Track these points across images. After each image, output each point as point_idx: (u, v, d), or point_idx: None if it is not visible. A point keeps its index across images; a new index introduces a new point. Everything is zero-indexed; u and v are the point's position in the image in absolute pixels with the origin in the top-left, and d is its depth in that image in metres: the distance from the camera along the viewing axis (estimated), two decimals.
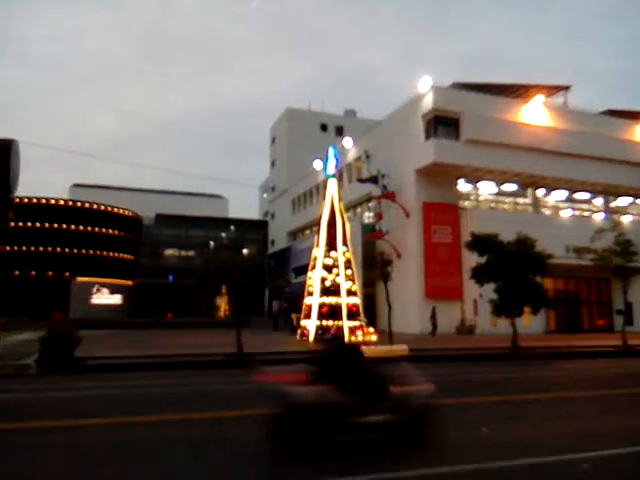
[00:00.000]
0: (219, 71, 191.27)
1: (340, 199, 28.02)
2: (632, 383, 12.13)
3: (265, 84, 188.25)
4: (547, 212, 35.56)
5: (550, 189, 35.29)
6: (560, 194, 35.79)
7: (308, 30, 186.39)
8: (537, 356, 18.66)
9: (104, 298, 50.21)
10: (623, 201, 37.70)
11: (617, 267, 21.94)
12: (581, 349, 20.42)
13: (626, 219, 33.97)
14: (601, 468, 5.36)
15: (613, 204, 37.29)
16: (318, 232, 27.56)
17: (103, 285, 50.13)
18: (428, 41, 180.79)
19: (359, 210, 40.10)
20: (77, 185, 76.31)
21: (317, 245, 27.17)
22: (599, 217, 35.50)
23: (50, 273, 47.10)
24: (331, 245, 26.49)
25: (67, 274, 47.48)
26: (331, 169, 28.26)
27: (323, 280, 26.00)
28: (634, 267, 21.93)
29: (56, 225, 47.82)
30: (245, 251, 58.44)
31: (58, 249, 47.63)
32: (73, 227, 48.58)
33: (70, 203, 50.93)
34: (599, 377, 13.74)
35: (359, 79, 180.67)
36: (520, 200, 35.03)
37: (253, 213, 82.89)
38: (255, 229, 71.33)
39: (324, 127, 59.38)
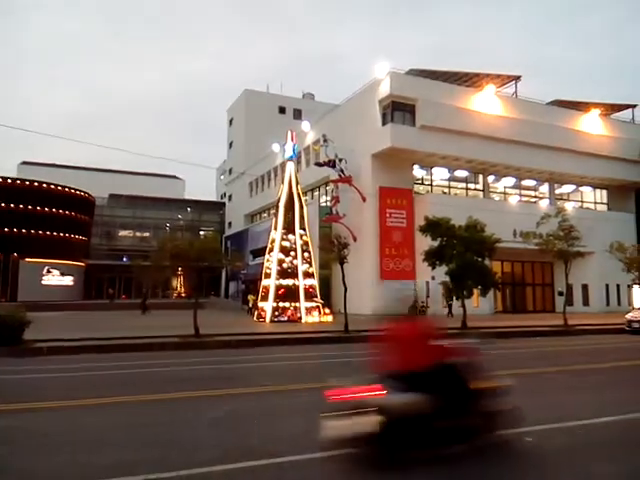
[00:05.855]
0: (183, 51, 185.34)
1: (298, 182, 28.26)
2: (573, 360, 12.81)
3: (228, 65, 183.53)
4: (496, 198, 36.80)
5: (500, 176, 36.51)
6: (509, 181, 37.10)
7: (275, 13, 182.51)
8: (485, 336, 19.54)
9: (55, 280, 48.88)
10: (567, 188, 39.46)
11: (560, 251, 23.09)
12: (526, 328, 21.59)
13: (569, 205, 35.49)
14: (542, 441, 5.65)
15: (558, 191, 38.93)
16: (276, 215, 27.76)
17: (54, 266, 48.75)
18: (396, 31, 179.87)
19: (316, 193, 40.34)
20: (26, 163, 73.12)
21: (275, 228, 27.41)
22: (544, 203, 37.07)
23: None
24: (289, 228, 26.78)
25: (15, 255, 45.91)
26: (289, 152, 28.41)
27: (280, 262, 26.32)
28: (575, 251, 23.12)
29: (3, 204, 46.00)
30: (202, 232, 58.12)
31: (6, 229, 45.90)
32: (21, 206, 46.84)
33: (18, 182, 49.01)
34: (545, 354, 14.70)
35: (323, 64, 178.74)
36: (471, 186, 36.09)
37: (210, 195, 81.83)
38: (212, 210, 70.59)
39: (282, 110, 58.92)
